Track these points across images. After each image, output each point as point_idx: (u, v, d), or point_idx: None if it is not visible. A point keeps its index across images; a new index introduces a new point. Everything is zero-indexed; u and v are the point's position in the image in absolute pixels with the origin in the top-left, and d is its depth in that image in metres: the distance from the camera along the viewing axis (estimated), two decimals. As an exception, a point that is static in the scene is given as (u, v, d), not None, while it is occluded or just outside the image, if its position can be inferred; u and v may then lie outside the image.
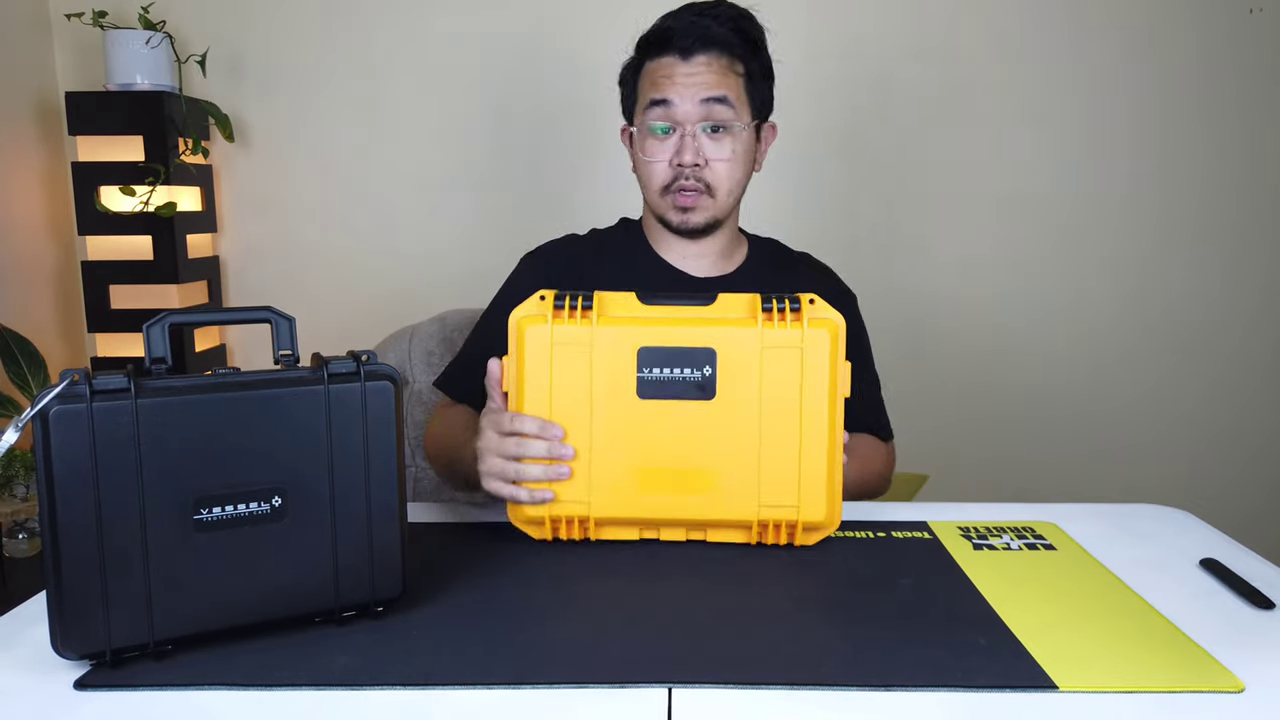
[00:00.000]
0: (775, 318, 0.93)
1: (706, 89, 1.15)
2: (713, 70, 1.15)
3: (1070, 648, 0.76)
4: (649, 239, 1.27)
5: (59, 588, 0.69)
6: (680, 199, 1.18)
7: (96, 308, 2.18)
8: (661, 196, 1.19)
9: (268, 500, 0.75)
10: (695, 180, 1.17)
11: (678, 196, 1.18)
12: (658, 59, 1.17)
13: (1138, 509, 1.12)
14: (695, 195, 1.17)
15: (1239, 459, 2.42)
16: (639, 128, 1.20)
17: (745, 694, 0.70)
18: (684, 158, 1.16)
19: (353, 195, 2.35)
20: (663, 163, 1.18)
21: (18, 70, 2.19)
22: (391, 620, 0.81)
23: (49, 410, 0.67)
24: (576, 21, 2.26)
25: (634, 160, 1.23)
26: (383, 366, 0.79)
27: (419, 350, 1.46)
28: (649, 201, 1.23)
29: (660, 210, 1.21)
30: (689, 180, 1.17)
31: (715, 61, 1.15)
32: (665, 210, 1.20)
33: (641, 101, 1.19)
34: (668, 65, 1.16)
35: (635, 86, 1.21)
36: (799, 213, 2.31)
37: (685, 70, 1.15)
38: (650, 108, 1.16)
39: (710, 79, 1.15)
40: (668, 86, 1.15)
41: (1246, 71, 2.26)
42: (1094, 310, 2.36)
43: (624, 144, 1.27)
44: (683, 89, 1.15)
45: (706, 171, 1.17)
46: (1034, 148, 2.30)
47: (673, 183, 1.18)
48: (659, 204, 1.21)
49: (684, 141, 1.16)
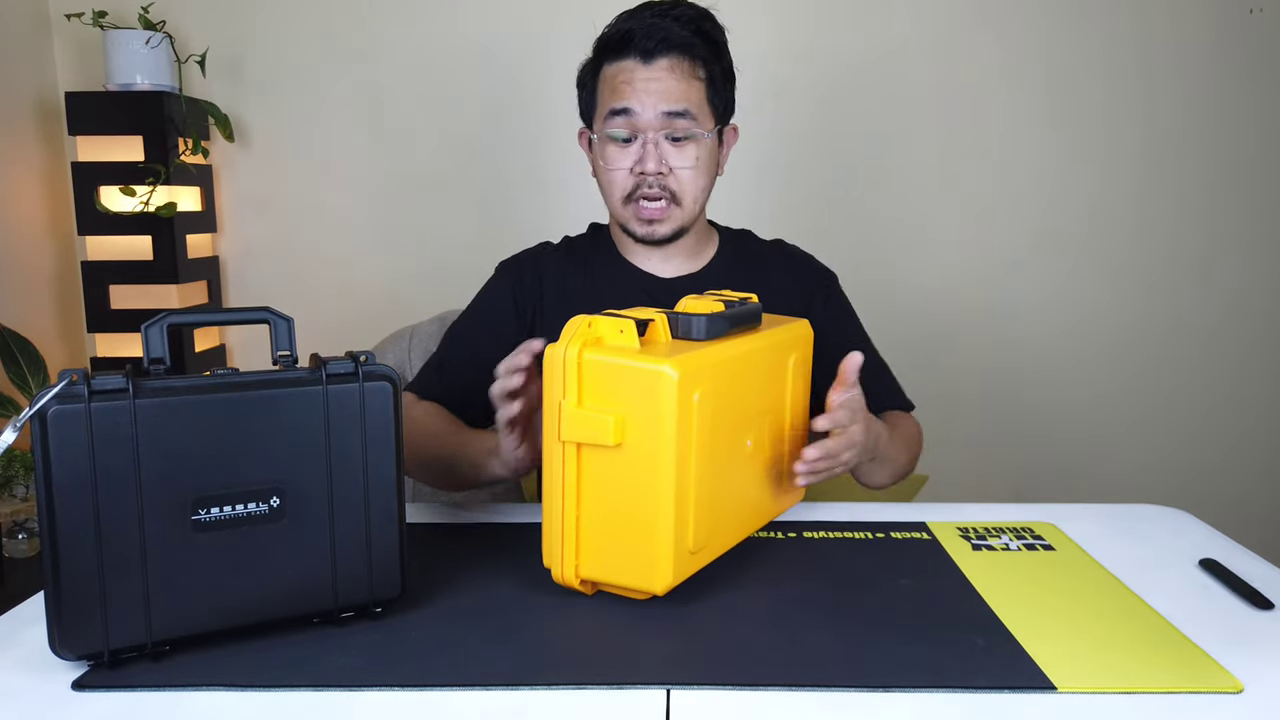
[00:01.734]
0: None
1: (668, 100, 1.11)
2: (675, 75, 1.12)
3: (1069, 648, 0.76)
4: (616, 244, 1.25)
5: (57, 588, 0.69)
6: (643, 210, 1.15)
7: (96, 308, 2.18)
8: (624, 205, 1.17)
9: (266, 501, 0.75)
10: (660, 188, 1.14)
11: (640, 207, 1.15)
12: (617, 62, 1.14)
13: (1137, 509, 1.12)
14: (662, 207, 1.15)
15: (1238, 459, 2.42)
16: (599, 135, 1.16)
17: (744, 695, 0.70)
18: (646, 166, 1.12)
19: (353, 195, 2.35)
20: (624, 170, 1.14)
21: (18, 70, 2.19)
22: (390, 621, 0.81)
23: (47, 410, 0.67)
24: (576, 21, 2.25)
25: (594, 167, 1.20)
26: (381, 367, 0.79)
27: (418, 350, 1.46)
28: (611, 210, 1.20)
29: (623, 219, 1.19)
30: (652, 188, 1.14)
31: (677, 66, 1.12)
32: (628, 220, 1.18)
33: (601, 108, 1.15)
34: (628, 70, 1.12)
35: (594, 90, 1.17)
36: (797, 211, 2.31)
37: (646, 75, 1.11)
38: (610, 116, 1.13)
39: (673, 85, 1.11)
40: (628, 93, 1.12)
41: (1246, 71, 2.26)
42: (1093, 310, 2.36)
43: (582, 149, 1.23)
44: (644, 95, 1.11)
45: (671, 179, 1.14)
46: (1034, 147, 2.30)
47: (634, 191, 1.15)
48: (621, 213, 1.18)
49: (646, 150, 1.12)
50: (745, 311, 0.93)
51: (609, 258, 1.25)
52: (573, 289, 1.22)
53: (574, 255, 1.27)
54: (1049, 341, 2.37)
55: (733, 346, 0.88)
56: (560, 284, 1.23)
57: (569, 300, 1.21)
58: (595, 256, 1.26)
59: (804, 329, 1.01)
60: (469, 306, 1.27)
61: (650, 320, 0.86)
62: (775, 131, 2.26)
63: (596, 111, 1.17)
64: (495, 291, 1.25)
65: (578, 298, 1.21)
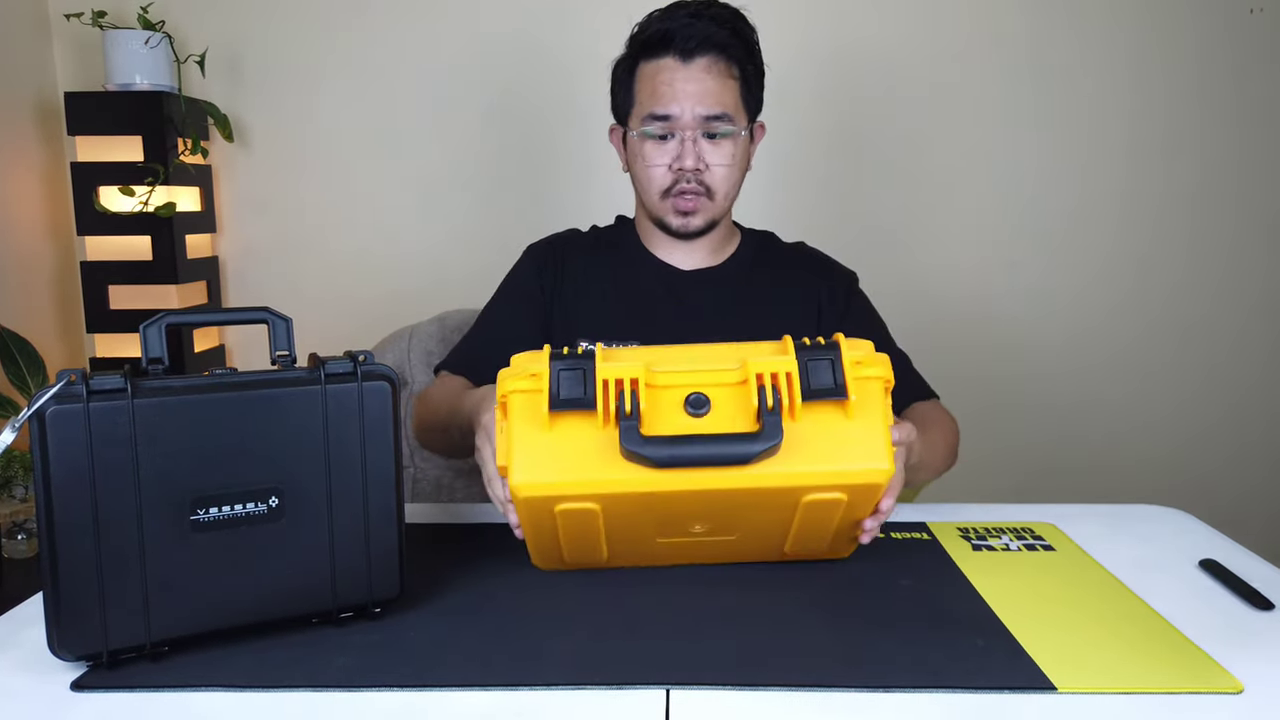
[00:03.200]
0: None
1: (706, 102, 1.14)
2: (713, 75, 1.14)
3: (1069, 649, 0.76)
4: (640, 236, 1.28)
5: (56, 588, 0.69)
6: (680, 202, 1.18)
7: (95, 308, 2.17)
8: (661, 200, 1.19)
9: (265, 501, 0.74)
10: (696, 183, 1.17)
11: (678, 200, 1.18)
12: (655, 60, 1.16)
13: (1137, 509, 1.12)
14: (695, 198, 1.18)
15: (1238, 460, 2.41)
16: (637, 133, 1.18)
17: (743, 695, 0.70)
18: (685, 163, 1.15)
19: (352, 195, 2.35)
20: (662, 166, 1.17)
21: (17, 70, 2.19)
22: (389, 621, 0.80)
23: (46, 410, 0.67)
24: (576, 21, 2.26)
25: (628, 162, 1.23)
26: (380, 367, 0.79)
27: (418, 350, 1.46)
28: (647, 205, 1.22)
29: (660, 213, 1.21)
30: (690, 183, 1.17)
31: (715, 65, 1.15)
32: (665, 214, 1.20)
33: (640, 106, 1.18)
34: (667, 69, 1.15)
35: (630, 88, 1.19)
36: (799, 208, 2.31)
37: (685, 75, 1.14)
38: (650, 118, 1.16)
39: (711, 86, 1.14)
40: (667, 95, 1.14)
41: (1246, 71, 2.26)
42: (1094, 310, 2.36)
43: (614, 144, 1.26)
44: (683, 98, 1.14)
45: (706, 175, 1.17)
46: (1034, 146, 2.30)
47: (672, 186, 1.18)
48: (659, 207, 1.20)
49: (684, 146, 1.15)
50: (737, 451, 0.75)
51: (631, 249, 1.28)
52: (592, 275, 1.26)
53: (598, 243, 1.30)
54: (1050, 342, 2.37)
55: (677, 481, 0.76)
56: (581, 269, 1.26)
57: (587, 285, 1.24)
58: (618, 246, 1.29)
59: (859, 475, 0.79)
60: (500, 288, 1.30)
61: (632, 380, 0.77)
62: (775, 131, 2.26)
63: (634, 110, 1.19)
64: (521, 273, 1.28)
65: (595, 283, 1.24)
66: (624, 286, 1.24)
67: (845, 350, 0.79)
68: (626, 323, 1.21)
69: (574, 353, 0.79)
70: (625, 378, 0.76)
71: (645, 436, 0.74)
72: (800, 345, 0.80)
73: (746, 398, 0.77)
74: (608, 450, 0.76)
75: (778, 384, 0.77)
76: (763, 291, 1.24)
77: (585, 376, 0.77)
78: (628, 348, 1.12)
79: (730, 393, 0.78)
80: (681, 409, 0.77)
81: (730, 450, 0.74)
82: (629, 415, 0.75)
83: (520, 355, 0.81)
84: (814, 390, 0.77)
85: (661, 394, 0.78)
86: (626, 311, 1.22)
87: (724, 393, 0.78)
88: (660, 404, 0.77)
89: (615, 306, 1.23)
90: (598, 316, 1.22)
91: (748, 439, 0.75)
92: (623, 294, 1.24)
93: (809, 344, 0.80)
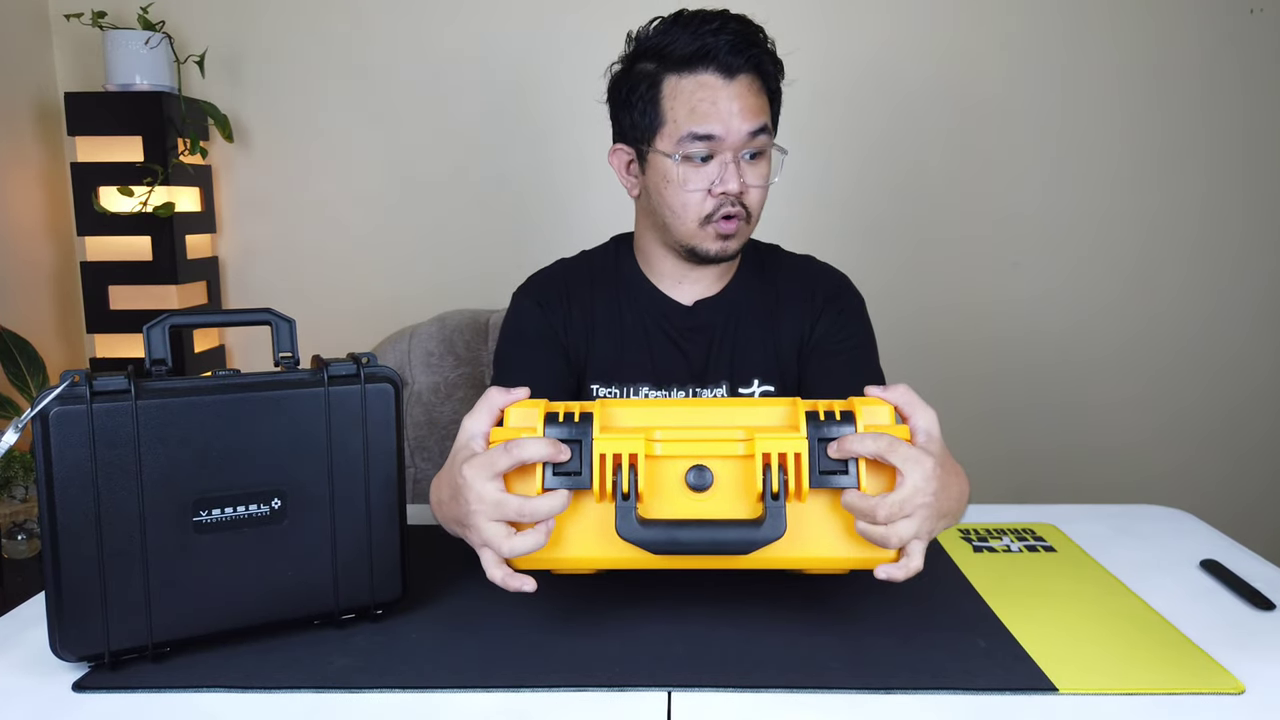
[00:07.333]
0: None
1: (750, 118, 1.05)
2: (753, 92, 1.06)
3: (1070, 650, 0.76)
4: (640, 264, 1.18)
5: (58, 589, 0.69)
6: (724, 226, 1.07)
7: (95, 308, 2.17)
8: (701, 227, 1.08)
9: (267, 502, 0.75)
10: (739, 206, 1.07)
11: (721, 224, 1.07)
12: (692, 75, 1.04)
13: (1138, 510, 1.12)
14: (736, 222, 1.08)
15: (1239, 460, 2.42)
16: (674, 155, 1.05)
17: (744, 697, 0.70)
18: (728, 186, 1.05)
19: (353, 195, 2.35)
20: (701, 191, 1.06)
21: (17, 70, 2.19)
22: (391, 623, 0.81)
23: (49, 411, 0.67)
24: (577, 23, 2.26)
25: (649, 187, 1.11)
26: (383, 368, 0.79)
27: (419, 351, 1.46)
28: (677, 232, 1.09)
29: (694, 241, 1.09)
30: (735, 207, 1.06)
31: (754, 82, 1.06)
32: (703, 241, 1.09)
33: (674, 125, 1.05)
34: (709, 86, 1.04)
35: (657, 104, 1.06)
36: (800, 212, 2.31)
37: (730, 93, 1.04)
38: (691, 137, 1.04)
39: (753, 102, 1.05)
40: (711, 114, 1.03)
41: (1246, 71, 2.26)
42: (1094, 310, 2.36)
43: (615, 167, 1.14)
44: (728, 117, 1.04)
45: (746, 196, 1.07)
46: (1034, 147, 2.30)
47: (715, 212, 1.07)
48: (695, 235, 1.08)
49: (728, 170, 1.05)
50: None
51: (635, 283, 1.17)
52: (600, 316, 1.16)
53: (597, 276, 1.19)
54: (1050, 343, 2.37)
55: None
56: (586, 309, 1.16)
57: (594, 326, 1.15)
58: (620, 279, 1.18)
59: (866, 562, 0.75)
60: (503, 345, 1.17)
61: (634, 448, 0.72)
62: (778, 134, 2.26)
63: (663, 129, 1.06)
64: (526, 316, 1.17)
65: (602, 325, 1.15)
66: (632, 327, 1.15)
67: (861, 422, 0.73)
68: (637, 366, 1.14)
69: (570, 416, 0.74)
70: (624, 453, 0.71)
71: (642, 521, 0.70)
72: (812, 417, 0.73)
73: (751, 476, 0.73)
74: (605, 525, 0.73)
75: (785, 464, 0.71)
76: (761, 310, 1.17)
77: (581, 451, 0.72)
78: (634, 399, 1.09)
79: (735, 467, 0.73)
80: (683, 483, 0.73)
81: (730, 538, 0.71)
82: (626, 496, 0.71)
83: (516, 408, 0.76)
84: (824, 472, 0.72)
85: (662, 466, 0.73)
86: (637, 354, 1.14)
87: (728, 466, 0.73)
88: (660, 478, 0.73)
89: (627, 350, 1.14)
90: (608, 360, 1.14)
91: (749, 527, 0.71)
92: (632, 336, 1.15)
93: (823, 416, 0.73)
